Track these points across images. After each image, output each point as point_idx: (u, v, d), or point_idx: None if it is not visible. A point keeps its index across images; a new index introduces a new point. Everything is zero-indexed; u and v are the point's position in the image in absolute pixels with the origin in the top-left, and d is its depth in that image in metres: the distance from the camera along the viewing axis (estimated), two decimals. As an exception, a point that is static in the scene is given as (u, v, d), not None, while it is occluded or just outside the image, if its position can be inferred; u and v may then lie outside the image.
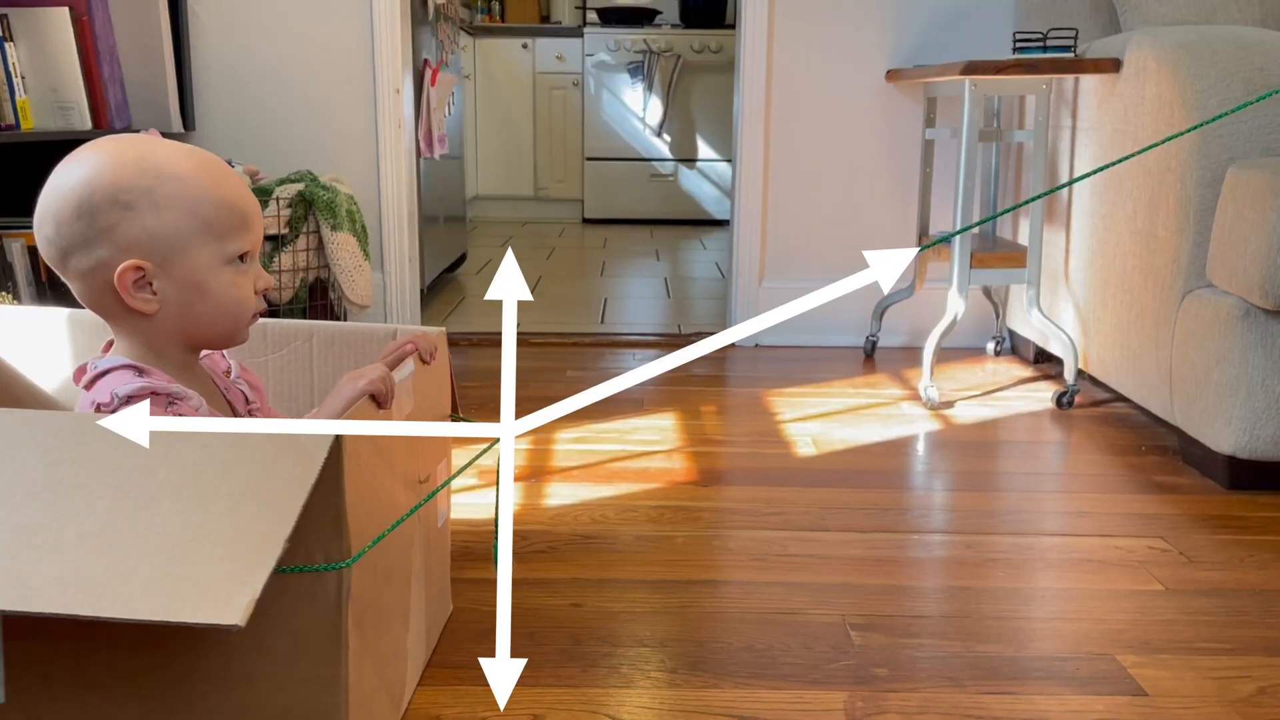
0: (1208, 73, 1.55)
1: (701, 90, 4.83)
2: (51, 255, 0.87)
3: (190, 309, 0.87)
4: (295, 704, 0.73)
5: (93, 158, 0.86)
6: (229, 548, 0.64)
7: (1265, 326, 1.46)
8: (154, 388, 0.84)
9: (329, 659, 0.73)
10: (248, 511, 0.66)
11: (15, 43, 2.00)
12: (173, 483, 0.68)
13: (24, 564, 0.63)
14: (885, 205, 2.46)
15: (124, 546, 0.64)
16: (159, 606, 0.61)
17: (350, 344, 1.12)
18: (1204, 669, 1.05)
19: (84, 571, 0.62)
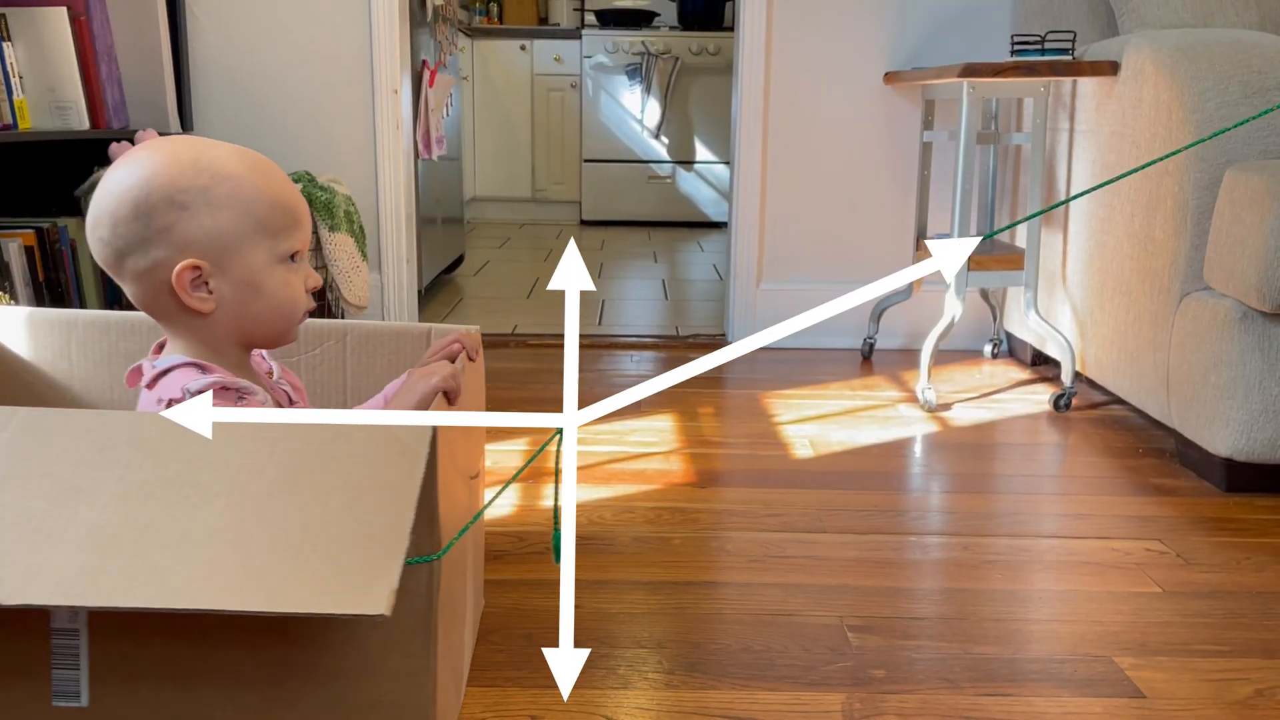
0: (1205, 75, 1.56)
1: (699, 92, 4.83)
2: (107, 257, 0.87)
3: (245, 307, 0.88)
4: (384, 696, 0.73)
5: (147, 159, 0.86)
6: (355, 540, 0.64)
7: (1262, 329, 1.46)
8: (224, 382, 0.85)
9: (419, 651, 0.73)
10: (366, 504, 0.66)
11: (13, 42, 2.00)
12: (285, 478, 0.68)
13: (157, 562, 0.62)
14: (883, 207, 2.47)
15: (252, 542, 0.64)
16: (303, 599, 0.61)
17: (384, 343, 1.12)
18: (1201, 671, 1.05)
19: (220, 568, 0.62)
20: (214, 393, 0.84)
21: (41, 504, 0.65)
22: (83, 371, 1.14)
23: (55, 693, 0.70)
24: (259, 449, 0.69)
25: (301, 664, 0.72)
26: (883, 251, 2.48)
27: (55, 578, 0.61)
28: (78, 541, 0.63)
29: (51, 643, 0.69)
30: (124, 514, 0.65)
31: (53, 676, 0.70)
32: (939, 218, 2.35)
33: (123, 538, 0.63)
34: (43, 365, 1.13)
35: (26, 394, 1.13)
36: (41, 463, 0.67)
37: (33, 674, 0.69)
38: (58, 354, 1.13)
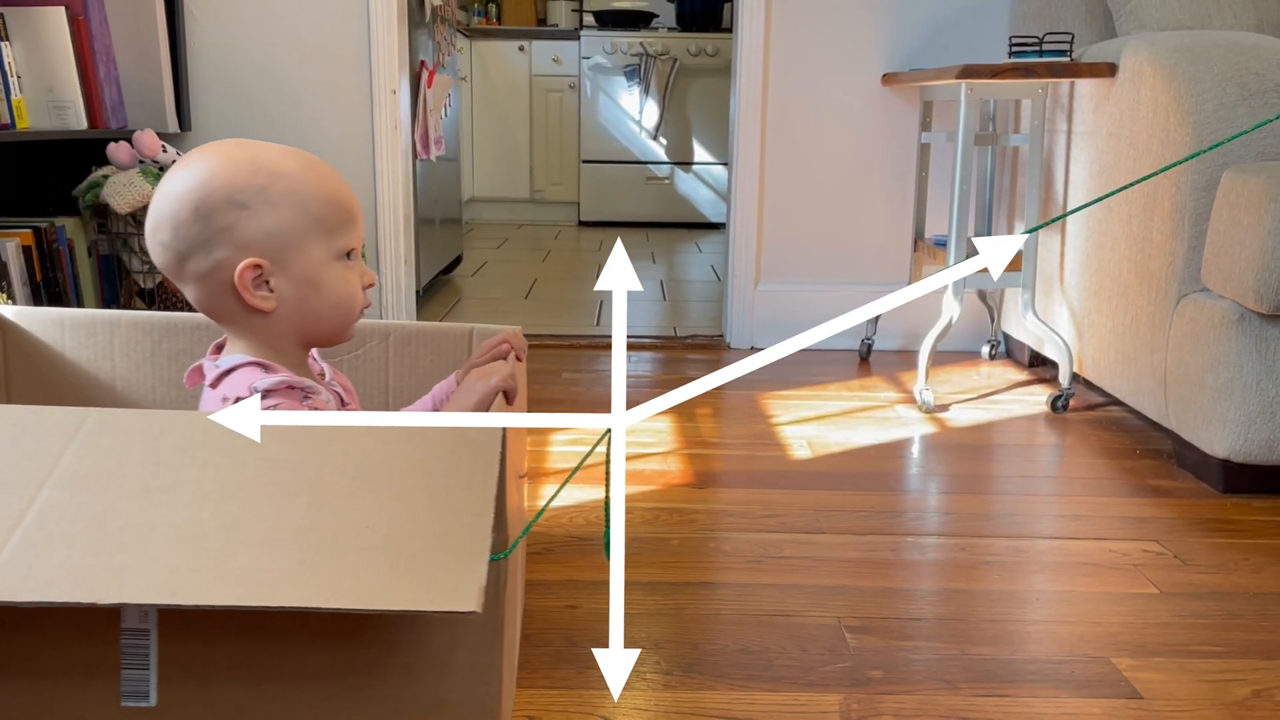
0: (1203, 77, 1.56)
1: (698, 93, 4.84)
2: (168, 260, 0.88)
3: (305, 304, 0.89)
4: (451, 693, 0.73)
5: (203, 162, 0.87)
6: (439, 539, 0.65)
7: (1260, 330, 1.46)
8: (289, 381, 0.86)
9: (487, 648, 0.73)
10: (446, 503, 0.67)
11: (11, 42, 1.99)
12: (363, 477, 0.68)
13: (248, 561, 0.62)
14: (881, 208, 2.47)
15: (339, 540, 0.64)
16: (395, 597, 0.61)
17: (426, 343, 1.13)
18: (1198, 672, 1.05)
19: (310, 566, 0.63)
20: (281, 391, 0.85)
21: (126, 504, 0.65)
22: (124, 372, 1.14)
23: (124, 693, 0.70)
24: (335, 449, 0.70)
25: (369, 661, 0.72)
26: (880, 253, 2.48)
27: (147, 576, 0.61)
28: (165, 541, 0.63)
29: (121, 643, 0.69)
30: (208, 513, 0.65)
31: (122, 677, 0.70)
32: (937, 219, 2.35)
33: (210, 536, 0.64)
34: (85, 365, 1.14)
35: (70, 394, 1.14)
36: (121, 463, 0.67)
37: (102, 674, 0.69)
38: (100, 354, 1.14)
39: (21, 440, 0.68)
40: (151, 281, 1.98)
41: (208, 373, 0.90)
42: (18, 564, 0.61)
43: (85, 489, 0.66)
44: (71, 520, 0.64)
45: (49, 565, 0.61)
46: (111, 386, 1.14)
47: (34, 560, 0.61)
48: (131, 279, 2.01)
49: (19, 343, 1.13)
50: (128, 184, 1.90)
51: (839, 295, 2.47)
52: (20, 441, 0.68)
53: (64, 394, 1.14)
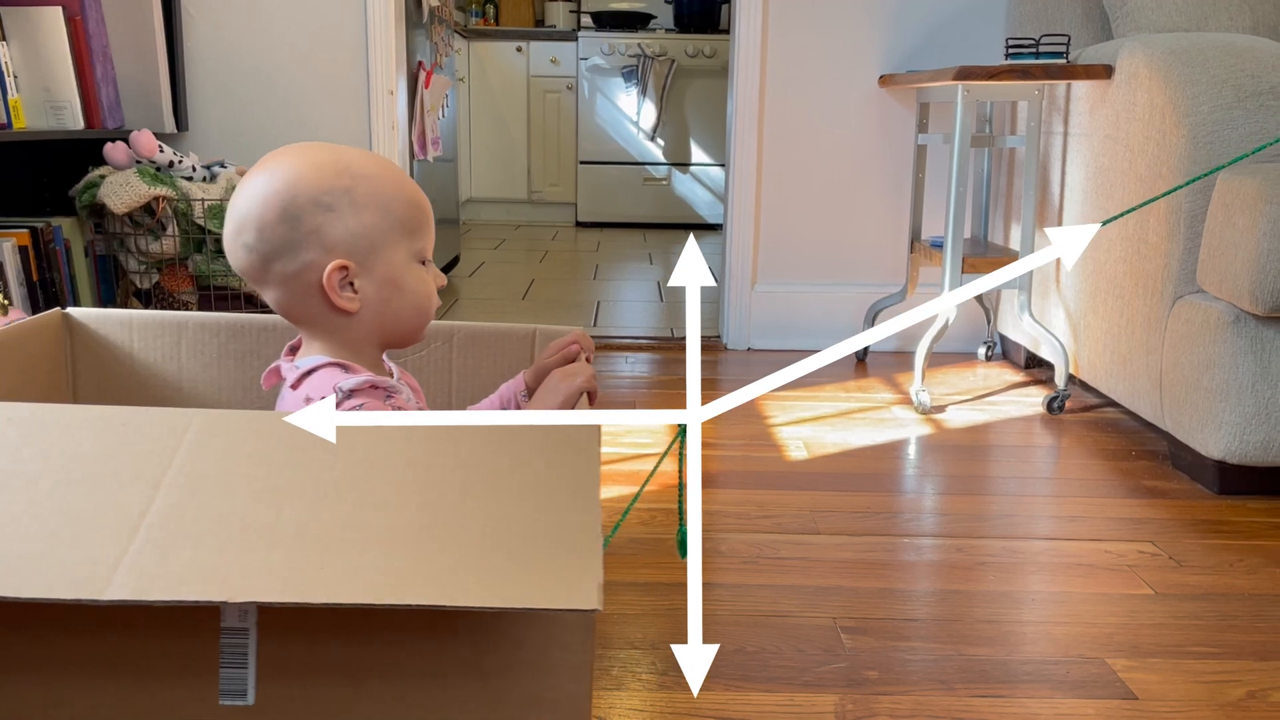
0: (1199, 79, 1.56)
1: (695, 95, 4.84)
2: (252, 263, 0.88)
3: (388, 306, 0.90)
4: (546, 691, 0.73)
5: (286, 164, 0.87)
6: (552, 537, 0.65)
7: (1255, 332, 1.46)
8: (373, 380, 0.86)
9: (579, 647, 0.73)
10: (554, 502, 0.68)
11: (8, 42, 1.99)
12: (472, 477, 0.69)
13: (369, 560, 0.63)
14: (878, 210, 2.47)
15: (456, 540, 0.65)
16: (517, 595, 0.62)
17: (489, 344, 1.14)
18: (1194, 673, 1.05)
19: (430, 565, 0.63)
20: (365, 391, 0.85)
21: (244, 504, 0.65)
22: (191, 373, 1.15)
23: (223, 691, 0.70)
24: (442, 450, 0.70)
25: (466, 660, 0.72)
26: (877, 254, 2.48)
27: (274, 575, 0.62)
28: (288, 540, 0.64)
29: (221, 641, 0.69)
30: (327, 513, 0.65)
31: (220, 675, 0.70)
32: (933, 220, 2.36)
33: (332, 535, 0.64)
34: (152, 366, 1.15)
35: (137, 394, 1.15)
36: (234, 463, 0.68)
37: (201, 673, 0.69)
38: (167, 355, 1.15)
39: (134, 441, 0.68)
40: (148, 282, 1.98)
41: (287, 374, 0.90)
42: (146, 563, 0.61)
43: (202, 489, 0.66)
44: (192, 520, 0.64)
45: (177, 564, 0.61)
46: (179, 387, 1.15)
47: (161, 559, 0.62)
48: (128, 279, 2.01)
49: (87, 343, 1.14)
50: (124, 184, 1.90)
51: (836, 296, 2.47)
52: (133, 442, 0.68)
53: (131, 394, 1.15)
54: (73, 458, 0.67)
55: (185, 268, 1.97)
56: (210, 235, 1.95)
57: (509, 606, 0.61)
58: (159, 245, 1.93)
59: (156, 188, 1.90)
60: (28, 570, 0.60)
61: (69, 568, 0.60)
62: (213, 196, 1.94)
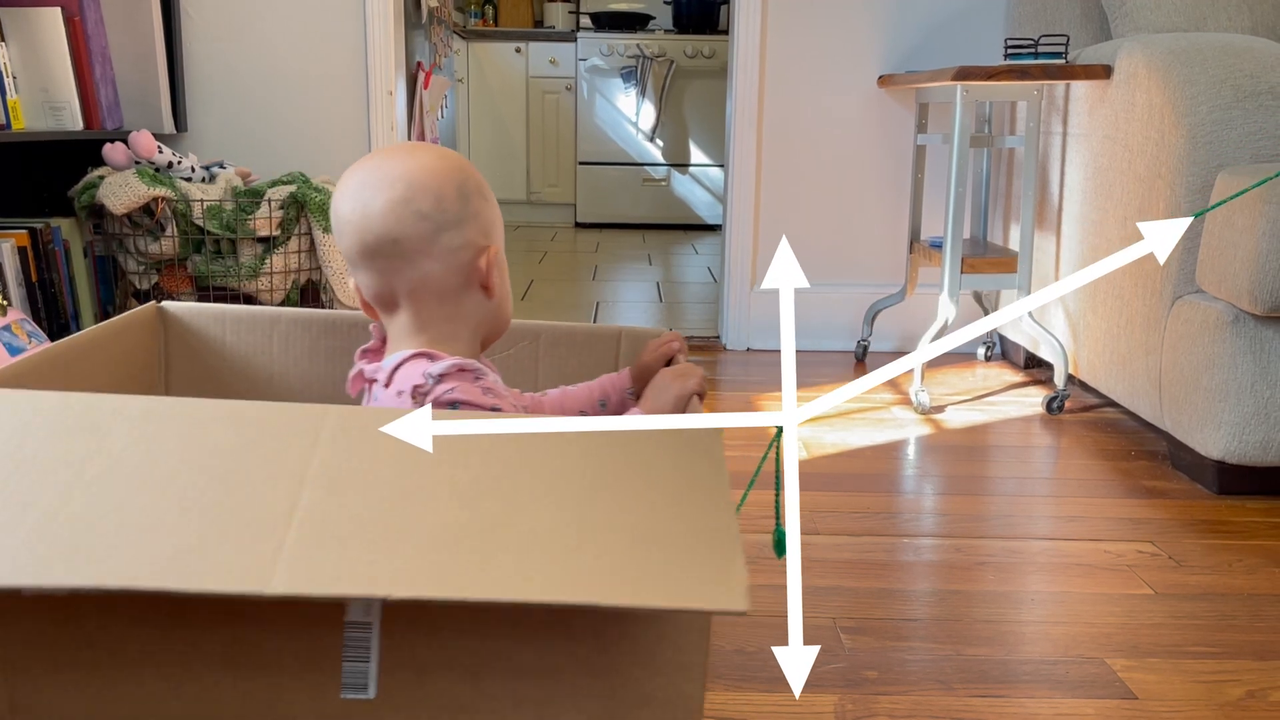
0: (1198, 79, 1.56)
1: (694, 95, 4.84)
2: (422, 230, 0.89)
3: (502, 292, 0.95)
4: (657, 691, 0.73)
5: (445, 152, 0.93)
6: (691, 538, 0.66)
7: (1254, 332, 1.46)
8: (460, 363, 0.87)
9: (693, 646, 0.73)
10: (687, 503, 0.68)
11: (6, 42, 1.99)
12: (601, 478, 0.69)
13: (514, 559, 0.63)
14: (877, 210, 2.47)
15: (597, 540, 0.65)
16: (667, 594, 0.62)
17: (576, 345, 1.16)
18: (1193, 673, 1.05)
19: (574, 564, 0.63)
20: (454, 374, 0.86)
21: (384, 502, 0.66)
22: (282, 367, 1.16)
23: (344, 685, 0.70)
24: (568, 451, 0.71)
25: (581, 658, 0.72)
26: (877, 254, 2.48)
27: (425, 570, 0.62)
28: (434, 537, 0.64)
29: (344, 635, 0.70)
30: (467, 513, 0.66)
31: (343, 669, 0.70)
32: (932, 220, 2.36)
33: (476, 533, 0.64)
34: (244, 360, 1.16)
35: (229, 387, 1.16)
36: (374, 460, 0.68)
37: (322, 666, 0.70)
38: (259, 350, 1.16)
39: (272, 436, 0.69)
40: (147, 282, 1.98)
41: (374, 374, 0.91)
42: (302, 557, 0.62)
43: (345, 485, 0.66)
44: (340, 516, 0.64)
45: (332, 558, 0.62)
46: (269, 381, 1.16)
47: (317, 553, 0.62)
48: (127, 279, 2.01)
49: (181, 336, 1.15)
50: (123, 185, 1.90)
51: (835, 297, 2.47)
52: (271, 438, 0.69)
53: (223, 387, 1.16)
54: (214, 452, 0.67)
55: (184, 268, 1.97)
56: (209, 236, 1.95)
57: (661, 606, 0.62)
58: (158, 246, 1.93)
59: (155, 188, 1.90)
60: (189, 564, 0.60)
61: (229, 562, 0.61)
62: (212, 197, 1.94)
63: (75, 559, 0.60)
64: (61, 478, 0.64)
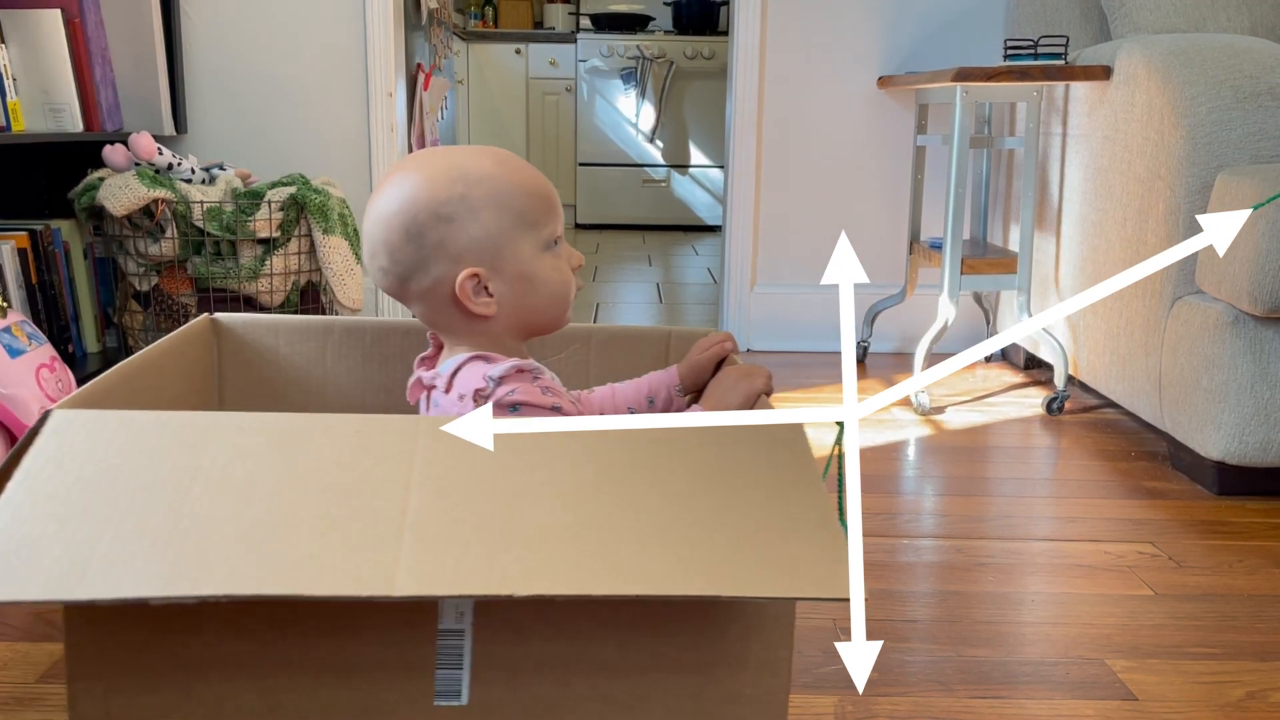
0: (1197, 80, 1.56)
1: (694, 96, 4.84)
2: (390, 284, 0.90)
3: (524, 301, 0.91)
4: (745, 686, 0.74)
5: (404, 181, 0.88)
6: (795, 531, 0.66)
7: (1254, 333, 1.46)
8: (518, 364, 0.87)
9: (780, 642, 0.74)
10: (784, 498, 0.69)
11: (6, 44, 1.99)
12: (697, 476, 0.70)
13: (627, 557, 0.64)
14: (877, 211, 2.47)
15: (703, 536, 0.66)
16: (778, 586, 0.63)
17: (625, 345, 1.17)
18: (1193, 673, 1.05)
19: (685, 560, 0.64)
20: (514, 376, 0.86)
21: (491, 506, 0.66)
22: (336, 376, 1.17)
23: (438, 692, 0.71)
24: (658, 450, 0.71)
25: (669, 657, 0.73)
26: (877, 255, 2.48)
27: (541, 571, 0.63)
28: (543, 538, 0.64)
29: (437, 643, 0.71)
30: (573, 513, 0.66)
31: (436, 676, 0.71)
32: (932, 221, 2.36)
33: (585, 533, 0.65)
34: (299, 370, 1.17)
35: (284, 398, 1.17)
36: (472, 467, 0.69)
37: (416, 673, 0.71)
38: (313, 359, 1.17)
39: (371, 447, 0.70)
40: (147, 284, 1.98)
41: (434, 381, 0.91)
42: (421, 561, 0.62)
43: (449, 492, 0.67)
44: (448, 522, 0.65)
45: (449, 561, 0.63)
46: (323, 391, 1.17)
47: (434, 557, 0.63)
48: (127, 281, 2.01)
49: (235, 347, 1.16)
50: (123, 186, 1.90)
51: (835, 297, 2.47)
52: (370, 449, 0.70)
53: (278, 397, 1.16)
54: (318, 464, 0.68)
55: (184, 270, 1.97)
56: (209, 238, 1.95)
57: (782, 596, 0.63)
58: (158, 248, 1.93)
59: (155, 190, 1.90)
60: (312, 570, 0.61)
61: (352, 566, 0.62)
62: (212, 199, 1.94)
63: (200, 569, 0.61)
64: (170, 495, 0.65)
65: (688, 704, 0.74)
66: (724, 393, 0.94)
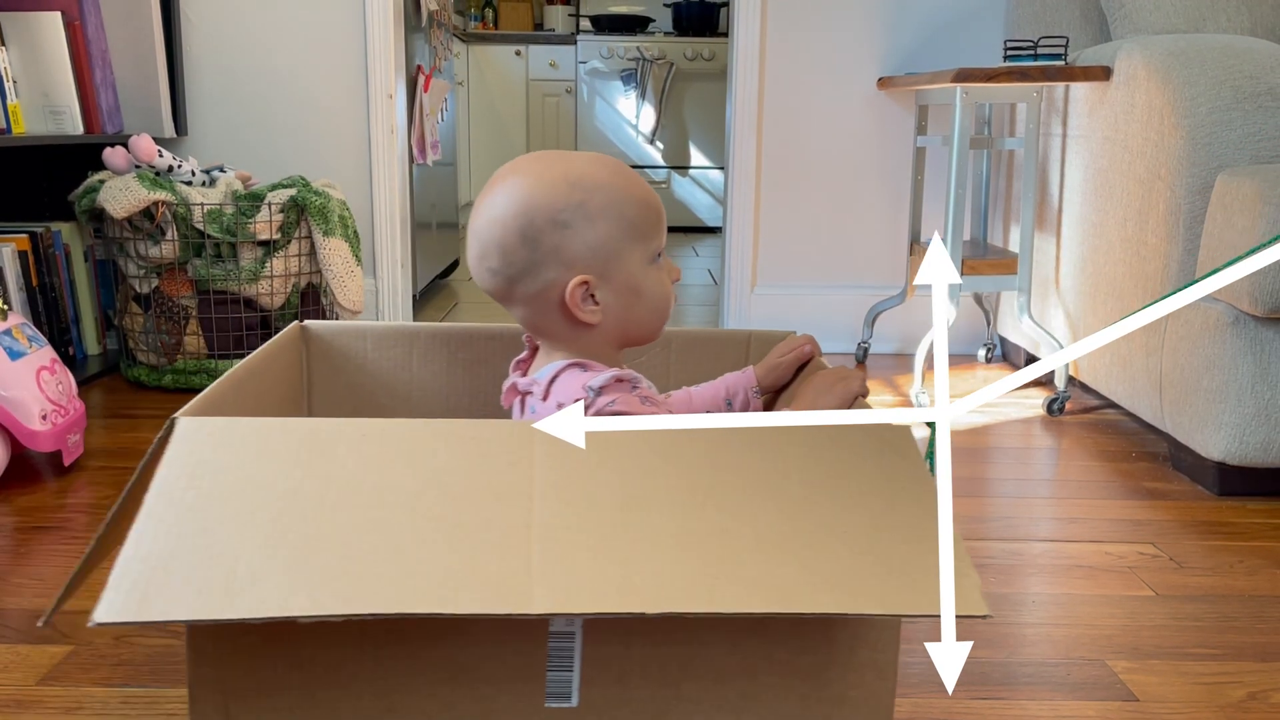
0: (1197, 80, 1.56)
1: (694, 98, 4.84)
2: (498, 285, 0.90)
3: (629, 312, 0.91)
4: (851, 689, 0.74)
5: (520, 184, 0.88)
6: (913, 541, 0.66)
7: (1254, 333, 1.46)
8: (617, 374, 0.87)
9: (887, 645, 0.74)
10: (900, 504, 0.68)
11: (7, 47, 2.00)
12: (809, 481, 0.70)
13: (756, 568, 0.64)
14: (877, 212, 2.47)
15: (827, 546, 0.65)
16: (907, 602, 0.63)
17: (707, 349, 1.18)
18: (1194, 674, 1.05)
19: (812, 570, 0.64)
20: (613, 386, 0.86)
21: (615, 514, 0.66)
22: (421, 381, 1.18)
23: (549, 694, 0.72)
24: (768, 454, 0.71)
25: (779, 660, 0.73)
26: (877, 256, 2.48)
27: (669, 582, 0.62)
28: (667, 548, 0.64)
29: (549, 646, 0.71)
30: (695, 519, 0.66)
31: (547, 679, 0.71)
32: (932, 222, 2.36)
33: (709, 542, 0.65)
34: (385, 375, 1.18)
35: (371, 403, 1.18)
36: (589, 476, 0.69)
37: (528, 677, 0.71)
38: (399, 365, 1.17)
39: (488, 454, 0.70)
40: (148, 286, 1.98)
41: (529, 388, 0.91)
42: (552, 573, 0.62)
43: (570, 501, 0.67)
44: (572, 532, 0.65)
45: (579, 573, 0.63)
46: (409, 395, 1.18)
47: (564, 569, 0.63)
48: (128, 283, 2.01)
49: (324, 354, 1.17)
50: (124, 189, 1.90)
51: (835, 299, 2.47)
52: (488, 455, 0.69)
53: (364, 403, 1.17)
54: (439, 471, 0.68)
55: (185, 272, 1.97)
56: (209, 240, 1.95)
57: (910, 614, 0.62)
58: (158, 250, 1.93)
59: (156, 192, 1.90)
60: (452, 586, 0.61)
61: (489, 581, 0.62)
62: (212, 201, 1.94)
63: (344, 584, 0.61)
64: (306, 505, 0.65)
65: (795, 707, 0.73)
66: (817, 395, 0.93)
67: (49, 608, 0.83)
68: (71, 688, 0.97)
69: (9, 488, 1.47)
